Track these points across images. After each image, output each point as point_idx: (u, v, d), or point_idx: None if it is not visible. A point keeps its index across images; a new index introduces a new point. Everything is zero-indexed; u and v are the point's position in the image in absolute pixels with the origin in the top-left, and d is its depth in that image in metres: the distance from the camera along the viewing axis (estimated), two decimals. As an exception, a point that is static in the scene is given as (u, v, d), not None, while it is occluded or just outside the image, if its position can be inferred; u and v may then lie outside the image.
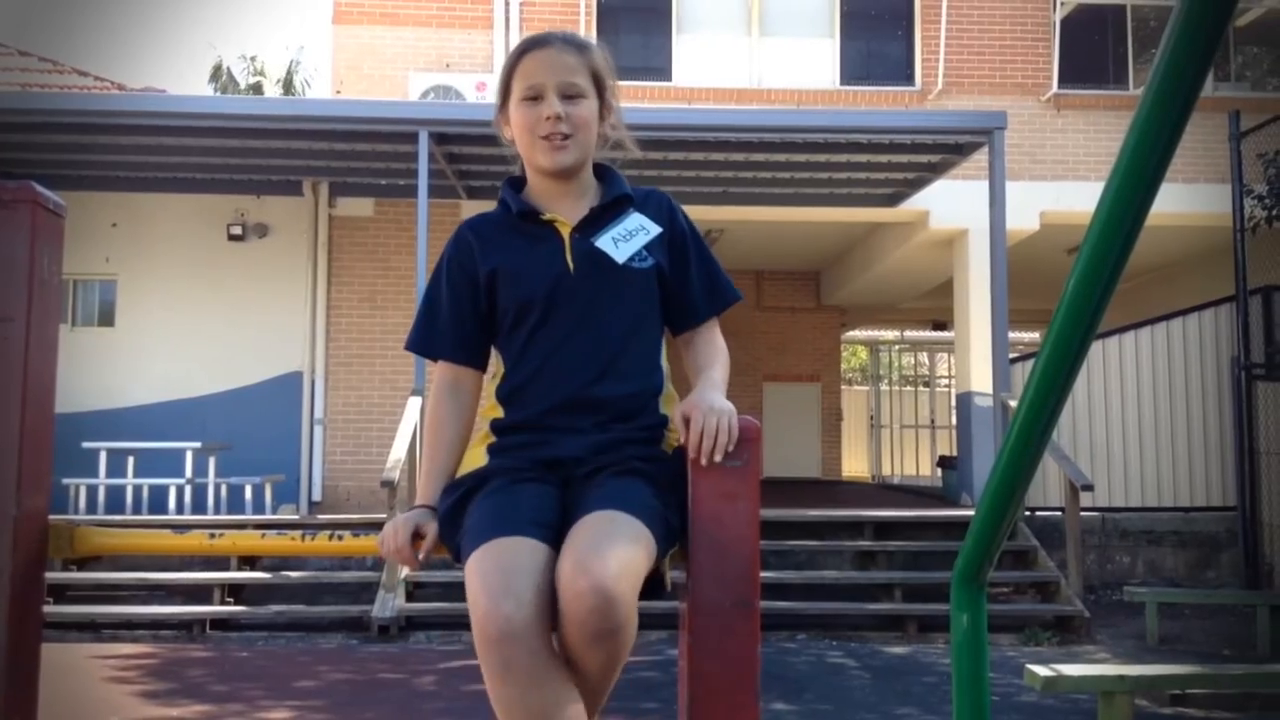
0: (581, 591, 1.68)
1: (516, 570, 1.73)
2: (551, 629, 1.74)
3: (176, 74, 66.52)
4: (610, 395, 2.02)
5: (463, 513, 1.95)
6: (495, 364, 2.16)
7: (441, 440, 2.09)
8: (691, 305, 2.15)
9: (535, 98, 2.05)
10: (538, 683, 1.70)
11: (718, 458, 1.88)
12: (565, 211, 2.09)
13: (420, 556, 2.00)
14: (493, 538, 1.78)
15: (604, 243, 2.06)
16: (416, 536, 1.99)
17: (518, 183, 2.19)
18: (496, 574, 1.72)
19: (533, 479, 1.94)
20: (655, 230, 2.10)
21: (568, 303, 2.03)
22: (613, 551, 1.72)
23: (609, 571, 1.69)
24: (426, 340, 2.15)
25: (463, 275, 2.10)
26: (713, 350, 2.14)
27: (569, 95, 2.05)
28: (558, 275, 2.03)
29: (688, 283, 2.13)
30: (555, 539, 1.82)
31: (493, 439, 2.06)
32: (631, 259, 2.05)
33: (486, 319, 2.10)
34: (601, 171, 2.19)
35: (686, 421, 1.91)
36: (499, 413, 2.07)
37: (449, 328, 2.11)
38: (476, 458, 2.05)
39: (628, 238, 2.07)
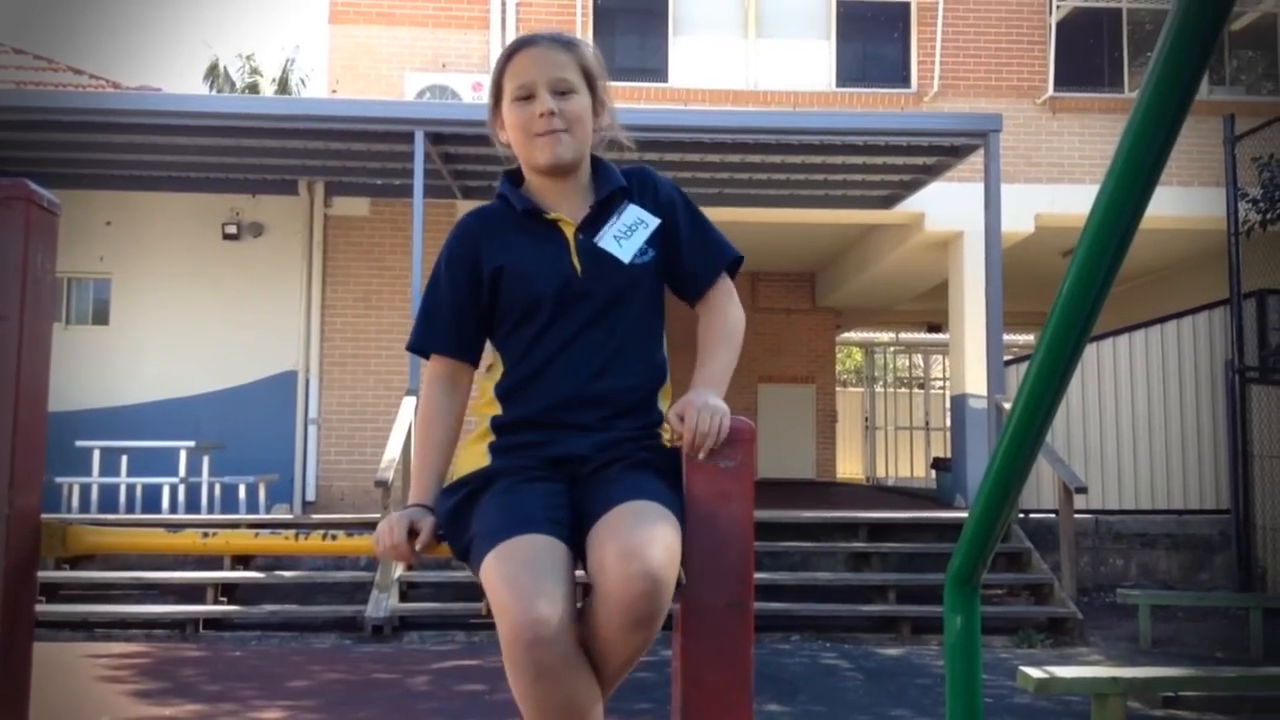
0: (633, 575, 1.70)
1: (542, 569, 1.73)
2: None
3: (175, 73, 66.45)
4: (614, 389, 2.02)
5: (468, 513, 1.94)
6: (489, 358, 2.15)
7: (436, 438, 2.08)
8: (690, 273, 2.13)
9: (527, 96, 2.05)
10: (569, 680, 1.71)
11: (700, 456, 1.89)
12: (567, 210, 2.09)
13: (417, 550, 1.99)
14: (510, 537, 1.78)
15: (607, 242, 2.05)
16: (412, 533, 1.98)
17: (515, 176, 2.17)
18: (524, 574, 1.72)
19: (540, 478, 1.94)
20: (654, 223, 2.10)
21: (577, 304, 2.02)
22: (657, 538, 1.75)
23: (657, 557, 1.72)
24: (427, 336, 2.12)
25: (465, 269, 2.08)
26: (720, 324, 2.11)
27: (560, 91, 2.05)
28: (565, 277, 2.02)
29: (681, 252, 2.12)
30: (569, 537, 1.83)
31: (493, 437, 2.04)
32: (634, 256, 2.06)
33: (486, 314, 2.09)
34: (594, 163, 2.18)
35: (681, 419, 1.92)
36: (497, 409, 2.05)
37: (449, 321, 2.09)
38: (477, 455, 2.04)
39: (629, 233, 2.07)
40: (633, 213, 2.10)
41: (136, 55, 72.48)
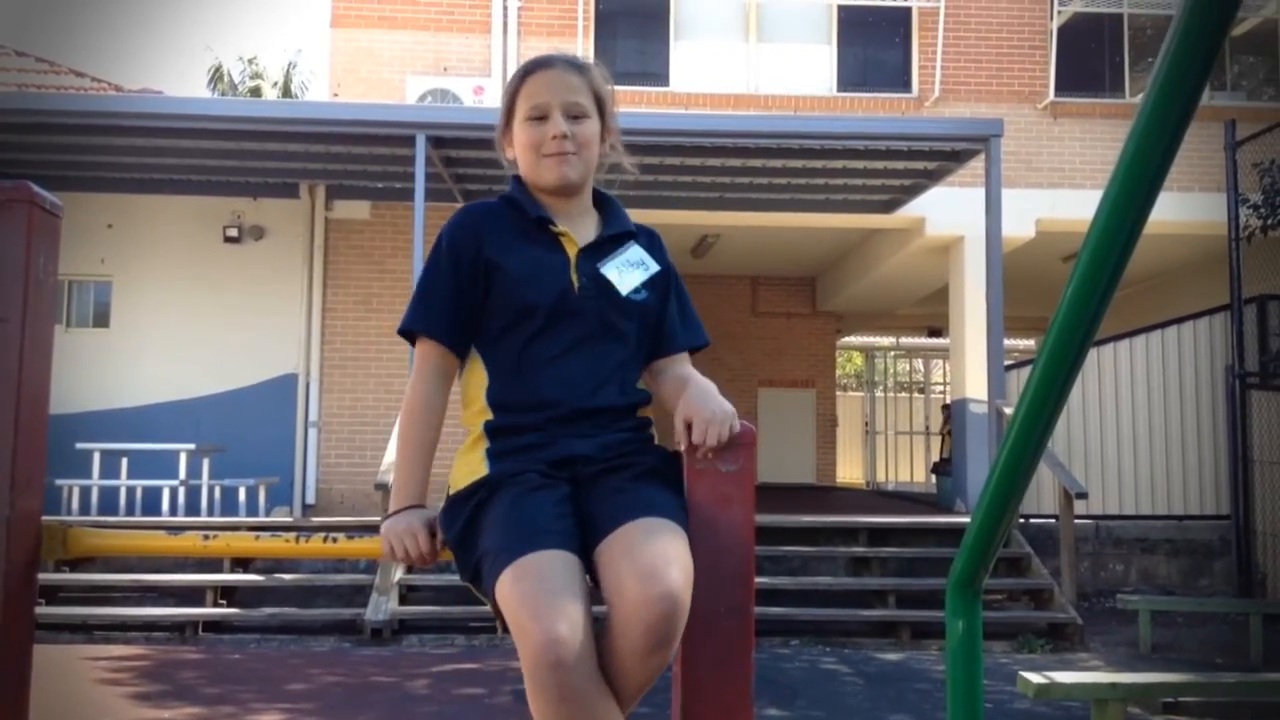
0: (653, 598, 1.70)
1: (559, 587, 1.72)
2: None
3: (176, 75, 66.50)
4: (606, 405, 2.03)
5: (475, 529, 1.92)
6: (468, 364, 2.13)
7: (427, 438, 2.05)
8: (670, 333, 2.16)
9: (540, 117, 2.08)
10: (592, 701, 1.71)
11: (712, 442, 1.90)
12: (569, 229, 2.11)
13: (438, 553, 1.99)
14: (523, 554, 1.77)
15: (609, 271, 2.08)
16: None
17: (524, 183, 2.17)
18: (541, 593, 1.71)
19: (544, 485, 1.92)
20: (655, 268, 2.13)
21: (571, 320, 2.03)
22: (674, 558, 1.76)
23: (676, 578, 1.73)
24: (424, 318, 2.09)
25: (467, 257, 2.06)
26: (693, 372, 2.14)
27: (573, 115, 2.09)
28: (563, 290, 2.03)
29: (668, 314, 2.16)
30: (578, 546, 1.83)
31: (488, 443, 2.02)
32: (632, 291, 2.08)
33: (479, 309, 2.07)
34: (601, 200, 2.21)
35: (688, 426, 1.92)
36: (490, 415, 2.04)
37: (449, 308, 2.07)
38: (474, 464, 2.01)
39: (630, 269, 2.10)
40: (636, 253, 2.13)
41: (138, 57, 72.57)
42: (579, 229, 2.12)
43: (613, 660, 1.74)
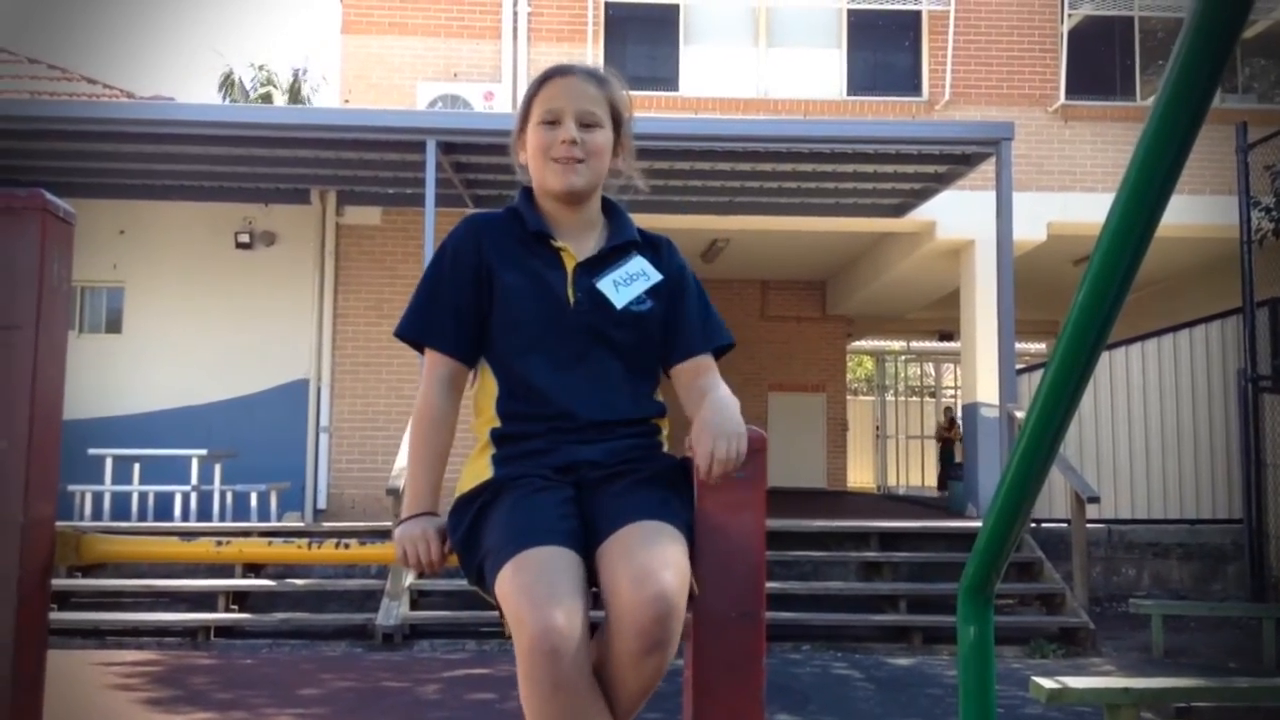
0: (647, 599, 1.70)
1: (557, 580, 1.73)
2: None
3: (181, 77, 66.73)
4: (616, 418, 2.03)
5: (479, 530, 1.93)
6: (479, 374, 2.14)
7: (438, 445, 2.06)
8: (686, 337, 2.12)
9: (553, 122, 2.08)
10: (585, 696, 1.71)
11: (714, 477, 1.87)
12: (573, 242, 2.11)
13: (447, 558, 2.01)
14: (525, 548, 1.78)
15: (605, 285, 2.07)
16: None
17: (532, 196, 2.18)
18: (539, 585, 1.71)
19: (547, 487, 1.93)
20: (656, 277, 2.12)
21: (569, 334, 2.04)
22: (671, 562, 1.76)
23: (670, 582, 1.73)
24: (425, 326, 2.10)
25: (469, 269, 2.08)
26: (716, 383, 2.08)
27: (586, 123, 2.09)
28: (560, 305, 2.04)
29: (682, 318, 2.13)
30: (580, 546, 1.83)
31: (494, 449, 2.04)
32: (630, 303, 2.07)
33: (484, 319, 2.08)
34: (610, 209, 2.21)
35: (709, 444, 1.88)
36: (497, 423, 2.05)
37: (454, 320, 2.08)
38: (480, 469, 2.03)
39: (628, 281, 2.09)
40: (637, 263, 2.12)
41: (149, 62, 72.85)
42: (582, 241, 2.12)
43: (608, 665, 1.75)
